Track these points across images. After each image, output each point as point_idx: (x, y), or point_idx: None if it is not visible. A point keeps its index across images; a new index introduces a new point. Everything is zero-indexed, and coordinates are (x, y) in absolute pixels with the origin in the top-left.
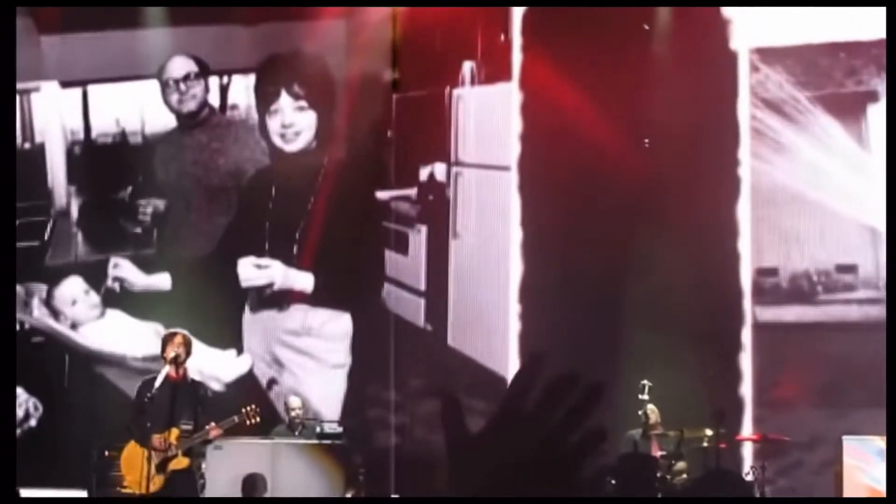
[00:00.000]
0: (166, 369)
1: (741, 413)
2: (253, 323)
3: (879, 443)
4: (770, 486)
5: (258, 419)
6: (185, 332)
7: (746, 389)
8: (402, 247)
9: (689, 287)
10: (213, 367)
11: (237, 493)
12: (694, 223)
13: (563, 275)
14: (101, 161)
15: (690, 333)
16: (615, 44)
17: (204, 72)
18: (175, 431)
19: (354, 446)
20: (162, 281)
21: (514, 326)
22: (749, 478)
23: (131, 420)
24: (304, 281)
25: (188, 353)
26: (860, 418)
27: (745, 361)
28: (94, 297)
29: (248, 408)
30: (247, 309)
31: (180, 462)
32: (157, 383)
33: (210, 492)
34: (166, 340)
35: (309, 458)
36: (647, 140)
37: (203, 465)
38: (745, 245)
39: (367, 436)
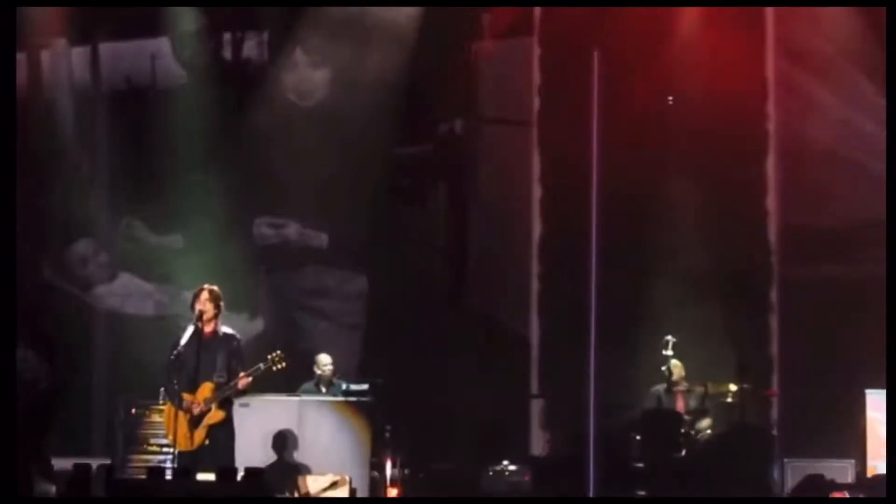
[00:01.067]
0: (192, 326)
1: (769, 370)
2: (269, 283)
3: None
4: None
5: (284, 364)
6: (214, 287)
7: (773, 347)
8: (420, 203)
9: (715, 244)
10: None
11: (266, 450)
12: (721, 179)
13: (584, 232)
14: (113, 117)
15: (716, 290)
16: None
17: (216, 26)
18: (209, 385)
19: (379, 404)
20: (174, 241)
21: (535, 286)
22: (774, 432)
23: (167, 379)
24: (319, 240)
25: (217, 307)
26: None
27: (773, 320)
28: (105, 258)
29: (274, 354)
30: (262, 269)
31: (217, 415)
32: (184, 340)
33: (238, 449)
34: (195, 297)
35: (336, 415)
36: (671, 98)
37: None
38: (772, 202)
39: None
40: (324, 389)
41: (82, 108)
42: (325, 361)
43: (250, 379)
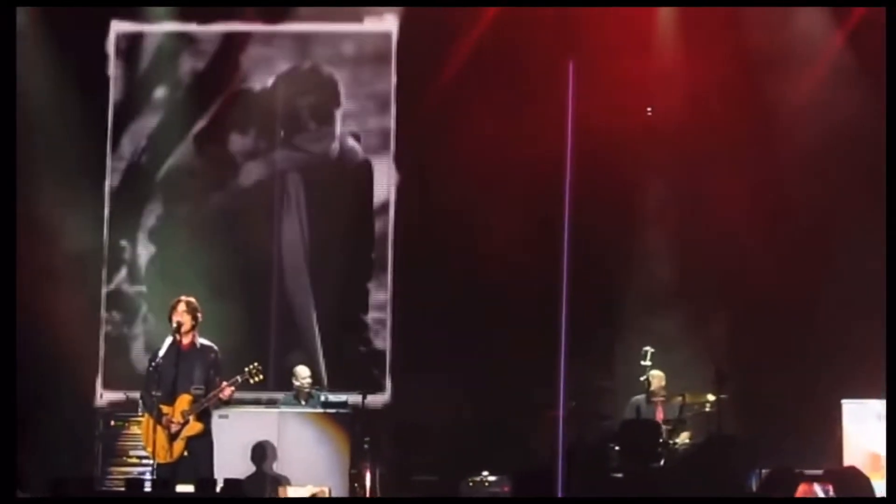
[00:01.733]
0: (170, 338)
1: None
2: None
3: (878, 406)
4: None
5: (262, 377)
6: (191, 298)
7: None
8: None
9: (690, 253)
10: None
11: (245, 462)
12: (696, 189)
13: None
14: None
15: (691, 300)
16: None
17: None
18: (187, 397)
19: (358, 416)
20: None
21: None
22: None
23: (143, 391)
24: None
25: (195, 319)
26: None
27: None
28: None
29: (251, 366)
30: None
31: (195, 427)
32: (161, 352)
33: (217, 460)
34: (171, 308)
35: (315, 427)
36: (649, 109)
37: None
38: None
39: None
40: (303, 402)
41: None
42: (303, 374)
43: (234, 389)
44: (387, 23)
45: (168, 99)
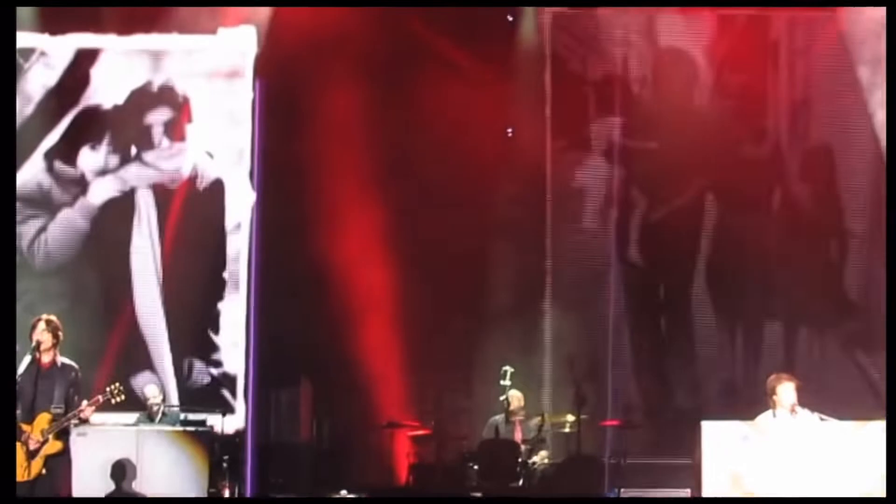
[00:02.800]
0: (28, 356)
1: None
2: None
3: (742, 427)
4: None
5: (123, 397)
6: (52, 317)
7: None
8: None
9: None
10: None
11: (104, 479)
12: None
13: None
14: None
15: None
16: None
17: None
18: (46, 416)
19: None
20: None
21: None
22: (611, 461)
23: None
24: None
25: (55, 337)
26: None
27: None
28: None
29: (112, 386)
30: None
31: (54, 446)
32: (20, 370)
33: (76, 477)
34: (32, 327)
35: (173, 445)
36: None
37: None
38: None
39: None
40: (155, 420)
41: None
42: (152, 394)
43: (93, 409)
44: (243, 36)
45: (17, 114)
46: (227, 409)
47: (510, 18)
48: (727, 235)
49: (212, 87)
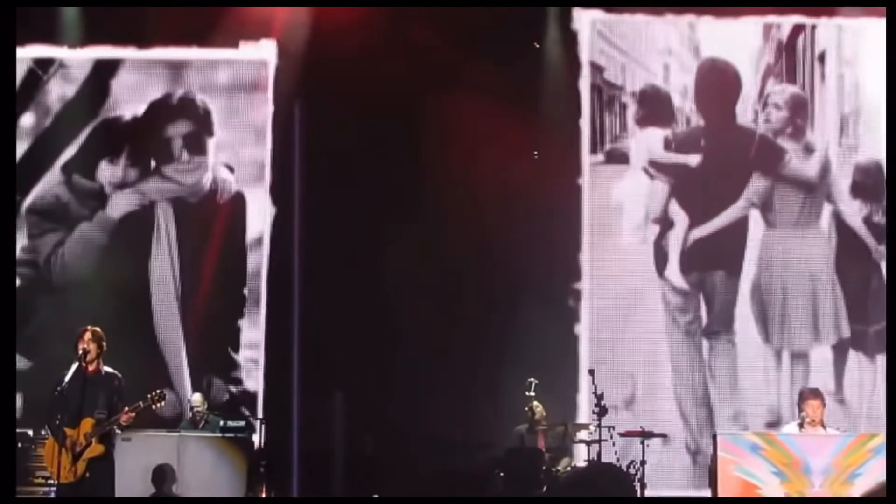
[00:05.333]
0: (76, 364)
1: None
2: None
3: (752, 438)
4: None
5: (163, 402)
6: (97, 328)
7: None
8: None
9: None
10: None
11: (146, 483)
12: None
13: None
14: None
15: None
16: None
17: None
18: (90, 421)
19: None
20: None
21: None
22: (630, 470)
23: (46, 415)
24: None
25: (100, 347)
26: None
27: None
28: None
29: (154, 392)
30: None
31: (96, 449)
32: (67, 378)
33: (119, 481)
34: (78, 337)
35: (213, 450)
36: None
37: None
38: None
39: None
40: (199, 427)
41: None
42: (196, 401)
43: (133, 415)
44: (263, 50)
45: (35, 126)
46: (248, 430)
47: (536, 45)
48: (770, 255)
49: (232, 100)
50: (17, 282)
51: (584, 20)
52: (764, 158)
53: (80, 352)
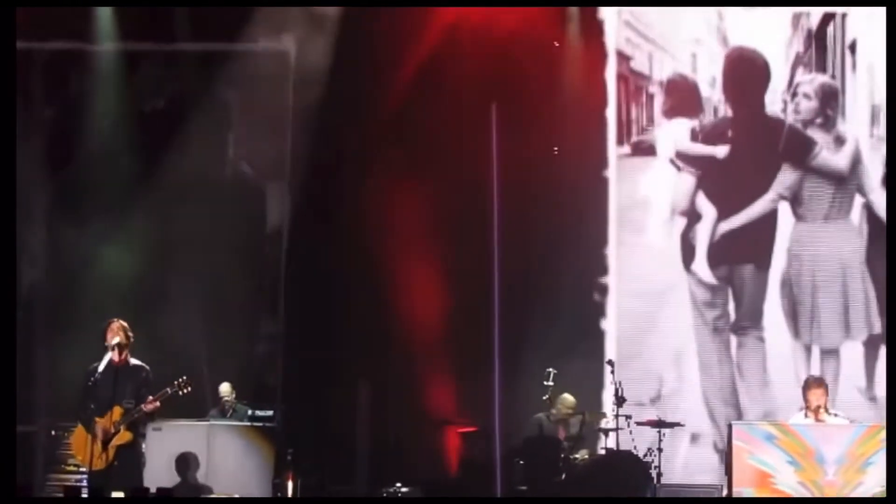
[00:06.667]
0: (108, 355)
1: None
2: None
3: (767, 427)
4: (665, 467)
5: (189, 389)
6: (122, 321)
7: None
8: None
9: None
10: None
11: (174, 470)
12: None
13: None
14: None
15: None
16: None
17: None
18: (118, 409)
19: (282, 429)
20: None
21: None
22: (647, 458)
23: (78, 404)
24: None
25: (128, 338)
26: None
27: None
28: None
29: (180, 380)
30: None
31: (124, 436)
32: (101, 368)
33: (149, 469)
34: (106, 328)
35: (241, 439)
36: (556, 148)
37: (143, 445)
38: None
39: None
40: (227, 416)
41: None
42: (224, 391)
43: (158, 403)
44: (284, 43)
45: (56, 118)
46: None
47: (556, 44)
48: (799, 248)
49: (252, 93)
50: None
51: (610, 9)
52: (793, 149)
53: (114, 342)
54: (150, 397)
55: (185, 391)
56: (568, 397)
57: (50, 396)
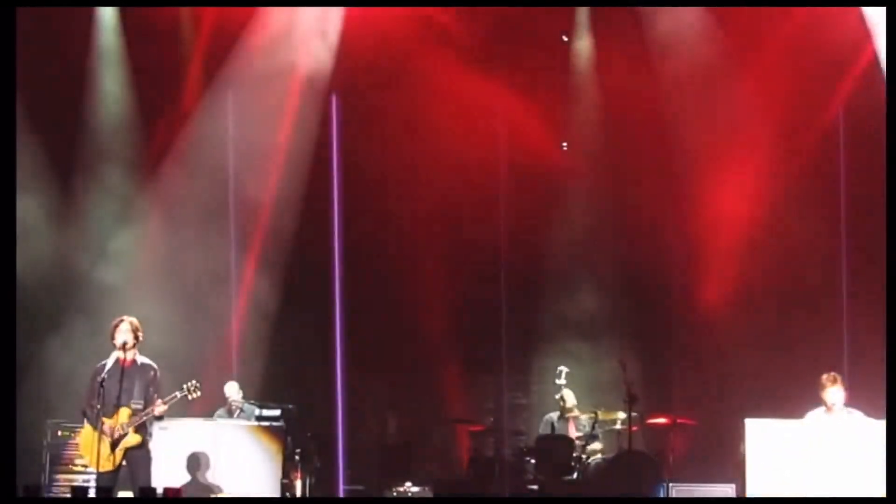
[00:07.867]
0: (115, 354)
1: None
2: None
3: (780, 423)
4: (679, 465)
5: (199, 393)
6: (133, 318)
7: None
8: None
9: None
10: None
11: (182, 470)
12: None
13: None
14: None
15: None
16: None
17: None
18: (126, 411)
19: (289, 429)
20: None
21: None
22: (658, 458)
23: (85, 404)
24: None
25: (136, 337)
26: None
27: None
28: None
29: (190, 383)
30: None
31: (133, 438)
32: (107, 368)
33: (155, 468)
34: (114, 327)
35: (248, 438)
36: (564, 144)
37: (150, 444)
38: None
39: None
40: (234, 416)
41: None
42: (230, 391)
43: (166, 406)
44: (318, 47)
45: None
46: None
47: (565, 39)
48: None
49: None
50: None
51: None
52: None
53: (121, 342)
54: (160, 400)
55: (194, 395)
56: (569, 396)
57: (54, 395)
